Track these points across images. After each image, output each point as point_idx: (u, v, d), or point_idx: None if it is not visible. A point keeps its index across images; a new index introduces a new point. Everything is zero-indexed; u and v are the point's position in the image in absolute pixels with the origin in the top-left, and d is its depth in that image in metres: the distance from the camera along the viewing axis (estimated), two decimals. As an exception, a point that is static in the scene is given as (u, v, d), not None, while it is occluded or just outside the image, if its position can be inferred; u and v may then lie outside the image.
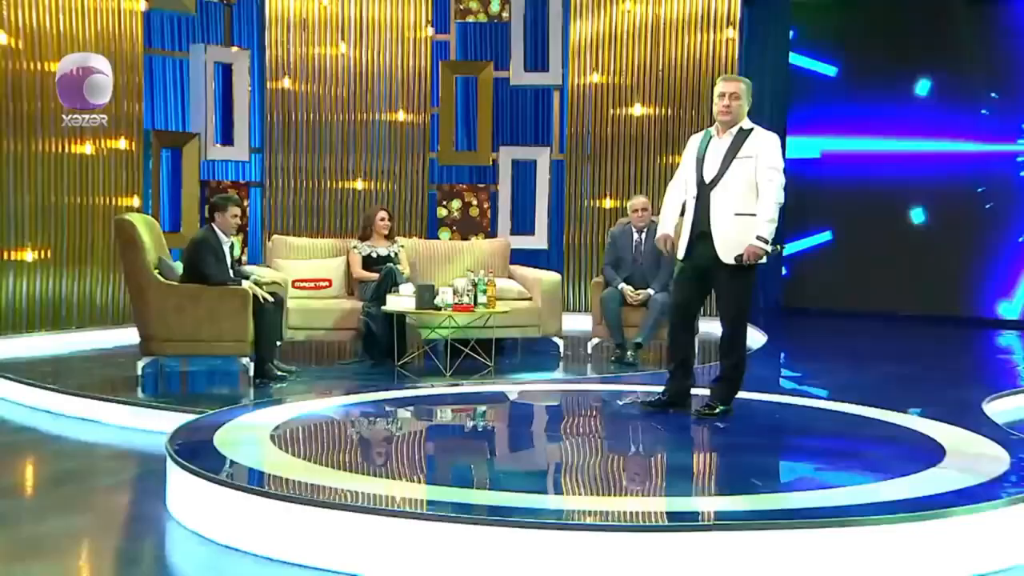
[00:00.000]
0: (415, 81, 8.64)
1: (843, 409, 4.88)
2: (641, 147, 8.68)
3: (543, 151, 8.94)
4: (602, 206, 8.77)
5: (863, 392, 5.38)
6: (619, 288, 6.60)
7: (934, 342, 8.11)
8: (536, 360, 6.80)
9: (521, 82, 8.93)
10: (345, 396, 5.14)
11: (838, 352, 7.54)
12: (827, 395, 5.42)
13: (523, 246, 8.62)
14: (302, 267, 6.71)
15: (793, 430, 4.57)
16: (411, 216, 8.71)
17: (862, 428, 4.51)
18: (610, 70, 8.69)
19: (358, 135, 8.58)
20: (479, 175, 9.42)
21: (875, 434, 4.40)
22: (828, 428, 4.54)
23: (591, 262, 8.77)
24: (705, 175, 4.50)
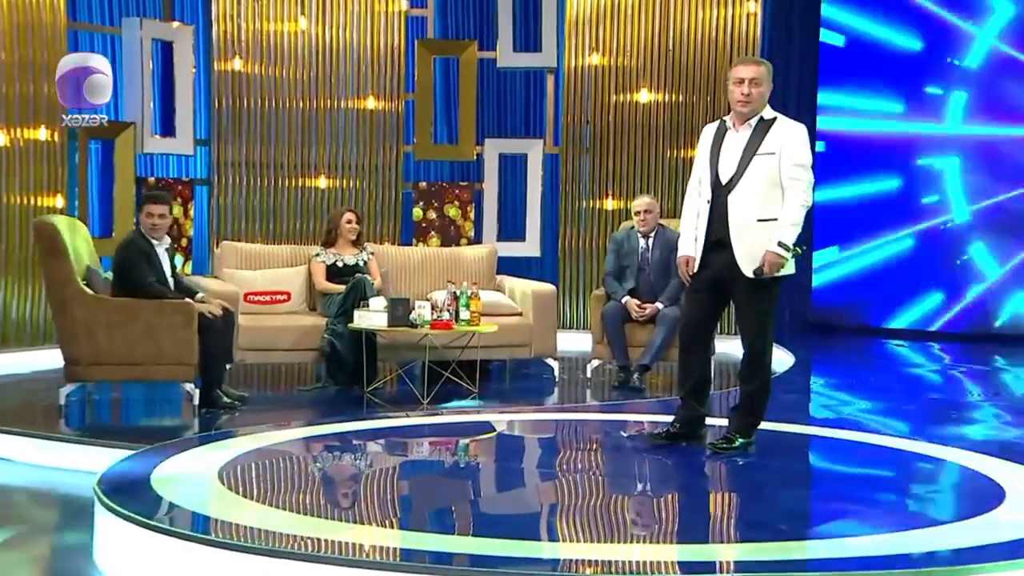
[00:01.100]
0: (387, 62, 8.65)
1: (883, 442, 4.90)
2: (648, 139, 8.72)
3: (535, 144, 8.97)
4: (603, 207, 8.81)
5: (906, 422, 5.40)
6: (623, 302, 6.61)
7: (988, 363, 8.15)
8: (527, 385, 6.80)
9: (510, 64, 8.96)
10: (306, 427, 5.13)
11: (877, 375, 7.57)
12: (864, 426, 5.44)
13: (512, 253, 8.63)
14: (256, 278, 6.70)
15: (825, 467, 4.58)
16: (382, 219, 8.71)
17: (906, 464, 4.53)
18: (612, 50, 8.73)
19: (321, 125, 8.59)
20: (461, 171, 9.42)
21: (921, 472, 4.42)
22: (865, 465, 4.56)
23: (590, 272, 8.79)
24: (721, 175, 4.52)
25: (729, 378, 6.88)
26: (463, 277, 6.74)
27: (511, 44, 8.86)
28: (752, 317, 4.50)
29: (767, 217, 4.42)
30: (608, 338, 6.61)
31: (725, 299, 4.61)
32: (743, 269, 4.39)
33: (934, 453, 4.63)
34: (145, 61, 8.09)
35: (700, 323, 4.64)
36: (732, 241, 4.41)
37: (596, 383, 6.74)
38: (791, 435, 5.00)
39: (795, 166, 4.41)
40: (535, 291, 6.86)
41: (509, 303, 6.86)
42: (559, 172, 8.94)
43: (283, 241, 8.36)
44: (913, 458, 4.60)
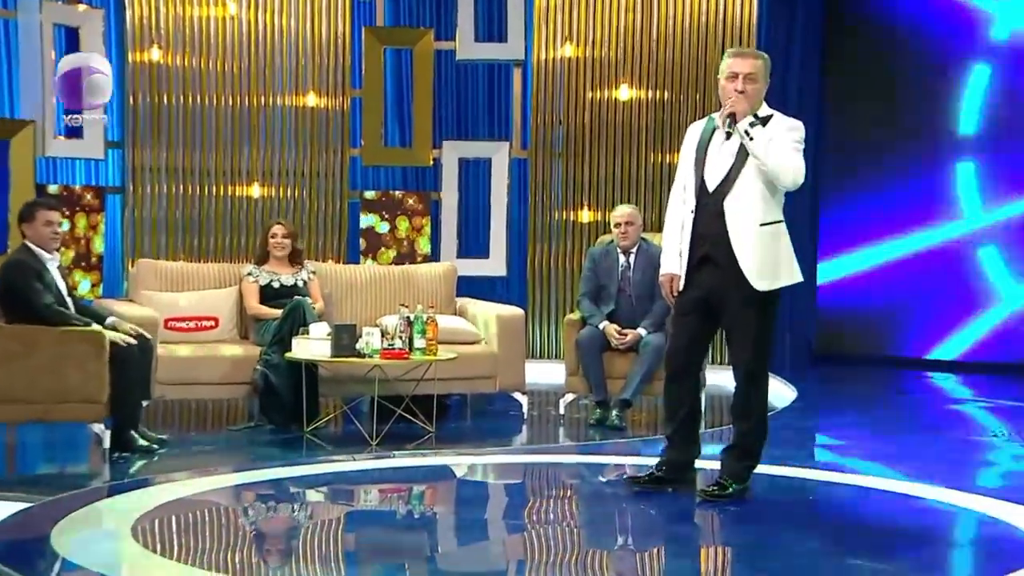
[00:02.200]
0: (330, 53, 8.66)
1: (897, 488, 4.94)
2: (629, 141, 8.78)
3: (500, 147, 9.01)
4: (578, 219, 8.85)
5: (926, 466, 5.45)
6: (600, 327, 6.64)
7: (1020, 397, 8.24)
8: (491, 424, 6.81)
9: (471, 56, 9.00)
10: (235, 474, 5.10)
11: (891, 411, 7.64)
12: (877, 470, 5.48)
13: (474, 272, 8.64)
14: (178, 301, 6.67)
15: (832, 517, 4.61)
16: (325, 233, 8.70)
17: (925, 515, 4.56)
18: (588, 40, 8.80)
19: (254, 125, 8.57)
20: (416, 179, 9.42)
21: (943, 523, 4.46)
22: (879, 515, 4.59)
23: (563, 294, 8.82)
24: (708, 180, 4.57)
25: (721, 414, 6.90)
26: (418, 300, 6.74)
27: (472, 33, 8.89)
28: (746, 343, 4.54)
29: (771, 220, 4.48)
30: (584, 369, 6.63)
31: (715, 322, 4.65)
32: (752, 282, 4.43)
33: (954, 501, 4.67)
34: (46, 50, 7.99)
35: (688, 351, 4.67)
36: (736, 252, 4.45)
37: (570, 420, 6.75)
38: (793, 480, 5.03)
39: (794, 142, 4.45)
40: (500, 316, 6.87)
41: (470, 329, 6.87)
42: (528, 179, 8.97)
43: (210, 259, 8.33)
44: (930, 507, 4.63)
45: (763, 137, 4.42)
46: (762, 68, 4.57)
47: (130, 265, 7.92)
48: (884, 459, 5.74)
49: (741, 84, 4.51)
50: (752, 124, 4.43)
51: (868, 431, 6.67)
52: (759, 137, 4.41)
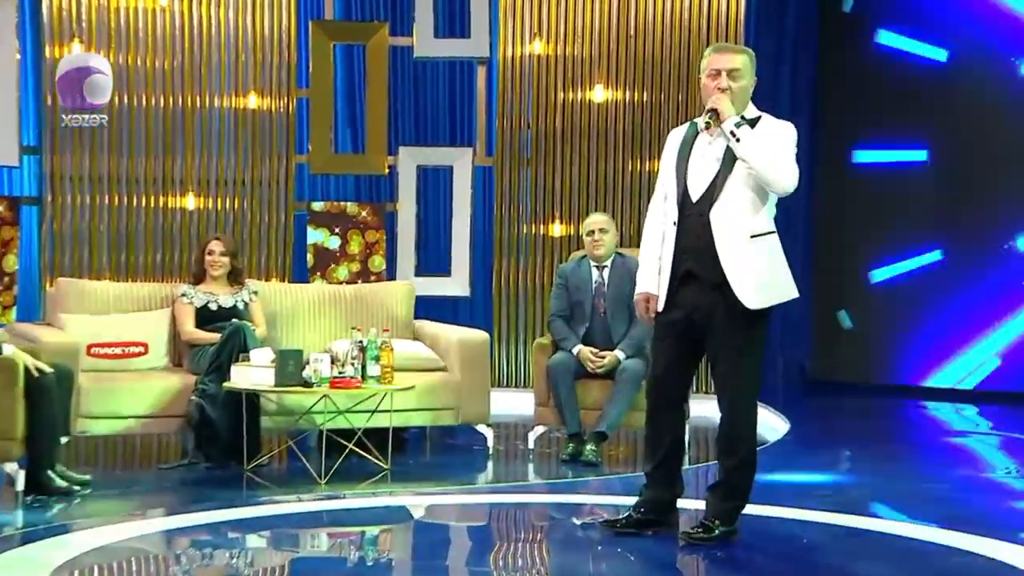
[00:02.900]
0: (273, 50, 8.65)
1: (903, 531, 4.96)
2: (605, 148, 8.81)
3: (463, 154, 9.02)
4: (549, 233, 8.87)
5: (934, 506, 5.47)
6: (574, 352, 6.65)
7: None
8: (453, 459, 6.80)
9: (431, 53, 9.02)
10: (167, 518, 5.06)
11: (895, 445, 7.67)
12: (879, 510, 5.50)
13: (435, 292, 8.65)
14: (103, 325, 6.62)
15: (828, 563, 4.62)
16: (268, 249, 8.67)
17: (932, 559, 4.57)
18: (559, 36, 8.84)
19: (188, 129, 8.54)
20: (370, 189, 9.41)
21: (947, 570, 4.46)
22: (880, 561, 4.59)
23: (533, 315, 8.82)
24: (692, 188, 4.59)
25: (707, 448, 6.92)
26: (372, 323, 6.72)
27: (431, 28, 8.90)
28: (733, 368, 4.55)
29: (763, 231, 4.50)
30: (555, 399, 6.63)
31: (700, 346, 4.65)
32: (744, 300, 4.44)
33: (963, 545, 4.68)
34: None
35: (670, 378, 4.68)
36: (723, 266, 4.46)
37: (540, 456, 6.74)
38: (785, 521, 5.04)
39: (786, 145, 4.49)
40: (463, 340, 6.87)
41: (430, 355, 6.86)
42: (493, 189, 8.99)
43: (139, 277, 8.29)
44: (937, 551, 4.65)
45: (750, 138, 4.44)
46: (747, 64, 4.60)
47: (48, 284, 7.88)
48: (886, 498, 5.77)
49: (724, 81, 4.54)
50: (738, 124, 4.45)
51: (869, 467, 6.69)
52: (746, 138, 4.44)
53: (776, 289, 4.56)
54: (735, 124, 4.45)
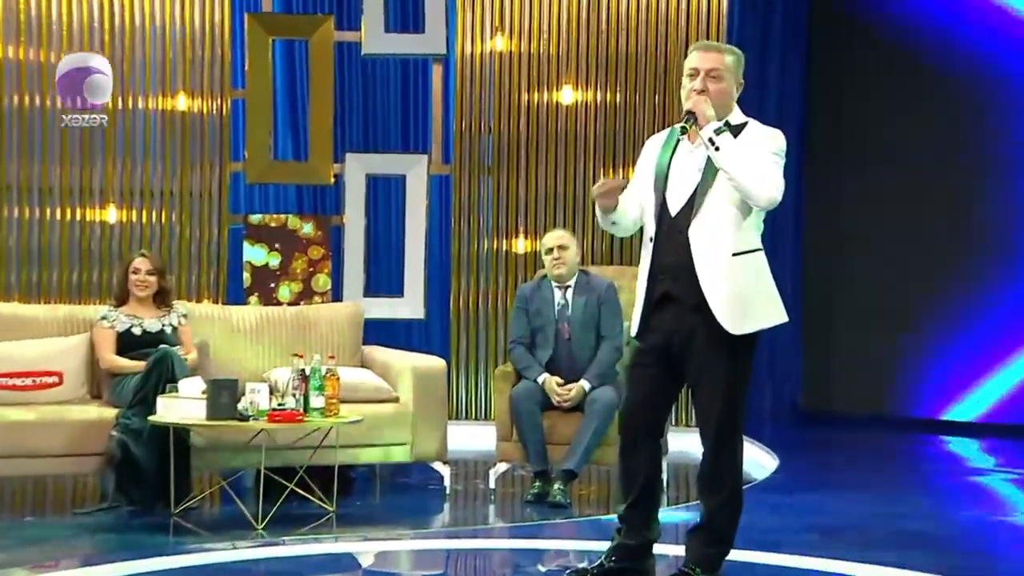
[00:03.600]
0: (205, 46, 8.63)
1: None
2: (574, 154, 8.85)
3: (417, 161, 9.02)
4: (512, 249, 8.88)
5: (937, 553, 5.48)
6: (539, 381, 6.66)
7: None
8: (406, 501, 6.79)
9: (381, 50, 9.02)
10: (84, 569, 5.00)
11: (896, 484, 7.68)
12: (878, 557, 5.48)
13: (386, 315, 8.65)
14: (11, 352, 6.57)
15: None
16: (200, 267, 8.64)
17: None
18: (523, 31, 8.87)
19: (109, 134, 8.50)
20: (314, 200, 9.39)
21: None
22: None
23: (494, 340, 8.83)
24: (671, 201, 4.61)
25: (687, 487, 6.93)
26: (315, 349, 6.71)
27: (382, 22, 8.90)
28: (716, 399, 4.55)
29: (745, 249, 4.52)
30: (519, 433, 6.64)
31: (679, 375, 4.67)
32: (726, 325, 4.46)
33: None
34: None
35: (646, 410, 4.68)
36: (703, 288, 4.47)
37: (502, 496, 6.74)
38: (773, 569, 5.05)
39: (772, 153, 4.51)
40: (417, 368, 6.87)
41: (380, 385, 6.86)
42: (451, 200, 9.00)
43: (53, 299, 8.25)
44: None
45: (732, 147, 4.46)
46: (730, 64, 4.62)
47: (-47, 307, 7.82)
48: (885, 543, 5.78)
49: (701, 82, 4.57)
50: (718, 131, 4.47)
51: (867, 508, 6.71)
52: (727, 146, 4.46)
53: (762, 312, 4.57)
54: (715, 130, 4.47)
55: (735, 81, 4.62)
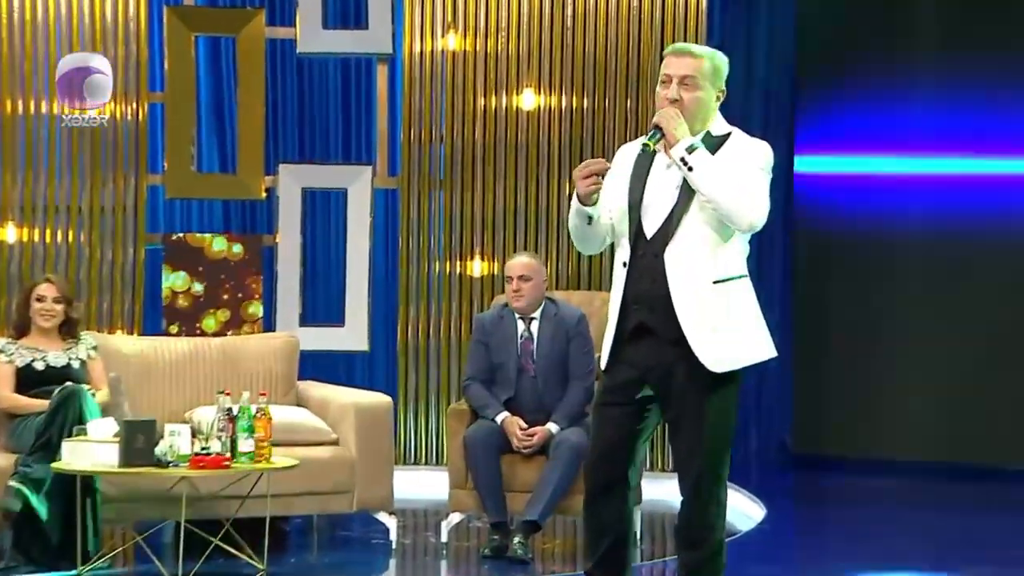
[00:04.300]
0: (118, 43, 8.58)
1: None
2: (536, 166, 8.84)
3: (360, 174, 9.01)
4: (467, 272, 8.87)
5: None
6: (498, 422, 6.66)
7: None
8: (347, 557, 6.78)
9: (319, 49, 9.00)
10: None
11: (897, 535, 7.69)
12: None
13: (324, 347, 8.64)
14: None
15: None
16: (113, 293, 8.59)
17: None
18: (480, 28, 8.87)
19: (8, 142, 8.47)
20: (243, 217, 9.37)
21: None
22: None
23: (447, 375, 8.81)
24: (645, 223, 4.61)
25: (664, 541, 6.92)
26: (245, 385, 6.66)
27: (320, 17, 8.88)
28: (696, 443, 4.55)
29: (727, 276, 4.53)
30: (475, 479, 6.63)
31: (655, 415, 4.68)
32: (705, 360, 4.46)
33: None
34: None
35: (617, 455, 4.66)
36: (680, 319, 4.48)
37: (456, 551, 6.74)
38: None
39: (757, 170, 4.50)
40: (360, 406, 6.87)
41: (318, 425, 6.85)
42: (398, 218, 9.00)
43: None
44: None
45: (707, 165, 4.46)
46: (707, 70, 4.61)
47: None
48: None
49: (674, 90, 4.57)
50: (691, 148, 4.47)
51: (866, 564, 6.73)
52: (701, 164, 4.45)
53: (747, 346, 4.58)
54: (687, 148, 4.47)
55: (715, 89, 4.61)
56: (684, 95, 4.55)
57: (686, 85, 4.56)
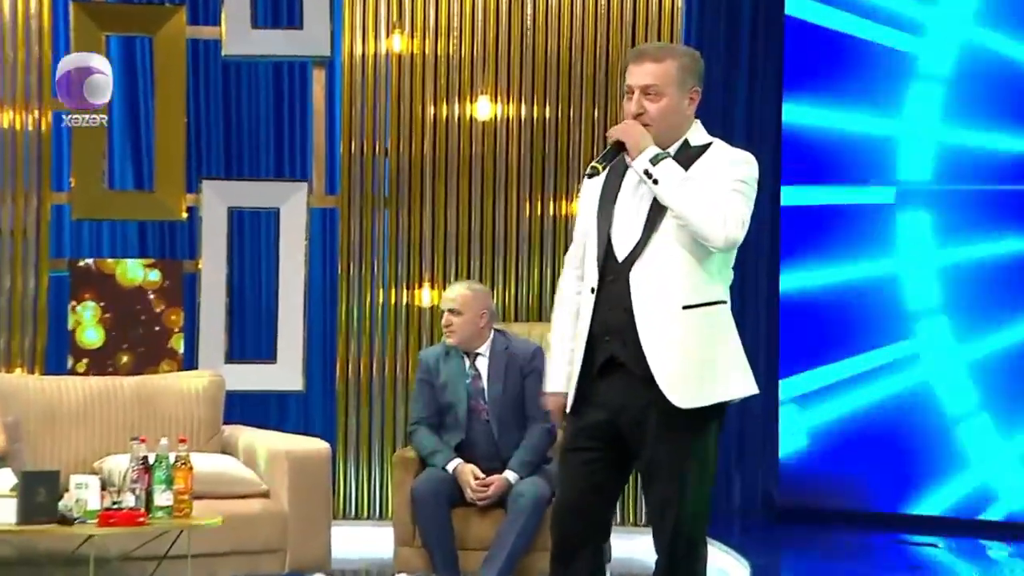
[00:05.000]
0: (17, 44, 8.57)
1: None
2: (493, 183, 8.85)
3: (294, 191, 8.99)
4: (415, 302, 8.85)
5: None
6: (449, 469, 6.66)
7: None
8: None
9: (247, 51, 8.98)
10: None
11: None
12: None
13: (254, 386, 8.63)
14: None
15: None
16: (12, 326, 8.55)
17: None
18: (430, 28, 8.87)
19: None
20: (161, 240, 9.33)
21: None
22: None
23: (393, 417, 8.80)
24: (617, 244, 4.61)
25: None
26: (162, 431, 6.66)
27: (248, 15, 8.86)
28: (673, 495, 4.56)
29: (700, 301, 4.53)
30: (424, 535, 6.64)
31: (626, 462, 4.68)
32: (672, 397, 4.47)
33: None
34: None
35: (584, 507, 4.68)
36: (645, 350, 4.48)
37: (404, 618, 6.71)
38: None
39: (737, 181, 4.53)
40: (294, 454, 6.87)
41: (246, 475, 6.86)
42: (336, 241, 9.00)
43: None
44: None
45: (674, 175, 4.46)
46: (672, 74, 4.59)
47: None
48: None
49: (636, 104, 4.58)
50: (655, 159, 4.48)
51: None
52: (667, 176, 4.46)
53: (723, 382, 4.58)
54: (650, 160, 4.48)
55: (685, 92, 4.61)
56: (648, 107, 4.57)
57: (649, 95, 4.58)
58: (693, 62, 4.68)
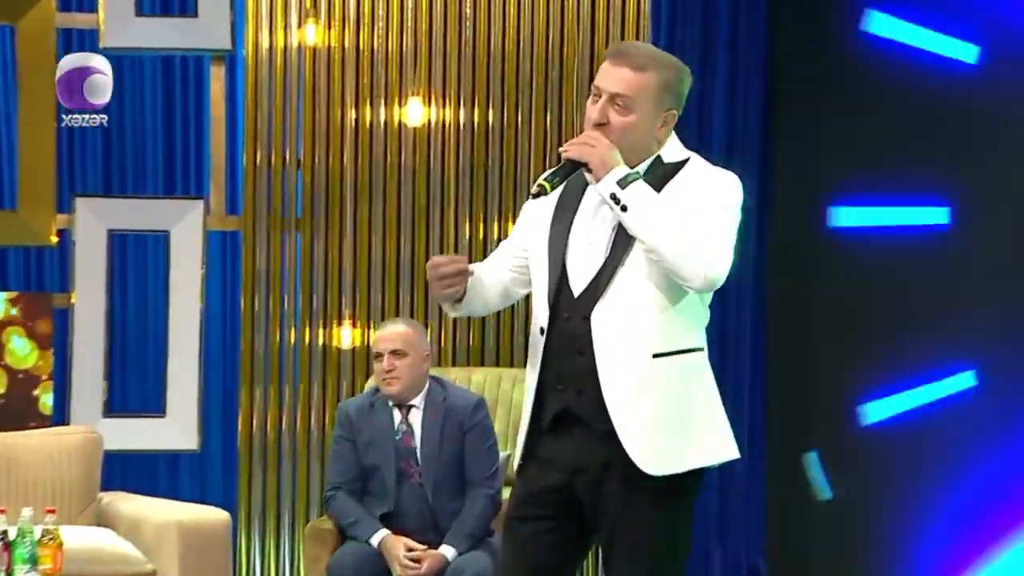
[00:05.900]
0: None
1: None
2: (427, 200, 8.88)
3: (187, 210, 8.99)
4: (333, 343, 8.85)
5: None
6: (373, 543, 6.68)
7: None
8: None
9: (131, 43, 9.01)
10: None
11: None
12: None
13: (138, 445, 8.63)
14: None
15: None
16: None
17: None
18: (350, 18, 8.91)
19: None
20: (26, 270, 9.32)
21: None
22: None
23: (306, 480, 8.78)
24: (573, 279, 4.61)
25: None
26: (26, 500, 6.69)
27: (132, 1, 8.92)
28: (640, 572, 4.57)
29: (674, 349, 4.54)
30: (344, 622, 6.64)
31: (584, 534, 4.68)
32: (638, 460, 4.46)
33: None
34: None
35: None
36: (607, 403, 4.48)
37: None
38: None
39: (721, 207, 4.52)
40: (186, 525, 6.92)
41: (128, 552, 6.88)
42: (239, 270, 9.01)
43: None
44: None
45: (646, 201, 4.45)
46: (651, 89, 4.56)
47: None
48: None
49: (600, 111, 4.55)
50: (625, 181, 4.46)
51: None
52: (638, 202, 4.44)
53: (699, 444, 4.57)
54: (618, 182, 4.46)
55: (661, 110, 4.58)
56: (613, 118, 4.54)
57: (617, 106, 4.55)
58: (678, 81, 4.62)
